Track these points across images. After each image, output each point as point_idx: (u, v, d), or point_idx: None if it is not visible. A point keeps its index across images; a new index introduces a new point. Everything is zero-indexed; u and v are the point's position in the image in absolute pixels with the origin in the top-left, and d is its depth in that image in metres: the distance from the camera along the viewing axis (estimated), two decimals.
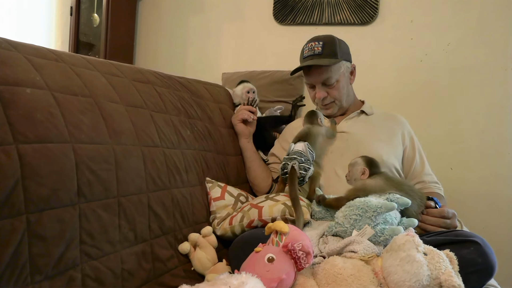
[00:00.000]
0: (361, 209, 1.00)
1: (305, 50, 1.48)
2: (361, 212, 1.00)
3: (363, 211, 0.99)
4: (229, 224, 1.24)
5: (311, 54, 1.44)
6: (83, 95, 0.97)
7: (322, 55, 1.42)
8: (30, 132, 0.79)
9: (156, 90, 1.29)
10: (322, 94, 1.47)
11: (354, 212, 1.01)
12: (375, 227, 0.97)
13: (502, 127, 1.82)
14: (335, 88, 1.47)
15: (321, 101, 1.49)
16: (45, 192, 0.78)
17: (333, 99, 1.49)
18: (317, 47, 1.43)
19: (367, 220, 0.98)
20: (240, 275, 0.78)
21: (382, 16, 2.02)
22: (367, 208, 0.99)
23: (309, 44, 1.47)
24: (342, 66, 1.46)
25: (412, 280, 0.81)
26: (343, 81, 1.48)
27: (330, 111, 1.52)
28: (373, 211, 0.98)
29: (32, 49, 0.94)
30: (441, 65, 1.92)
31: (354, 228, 0.99)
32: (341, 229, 1.01)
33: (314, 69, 1.44)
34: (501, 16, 1.82)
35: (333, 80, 1.44)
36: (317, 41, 1.45)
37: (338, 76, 1.45)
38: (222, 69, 2.30)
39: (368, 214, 0.99)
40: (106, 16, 2.42)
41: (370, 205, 1.00)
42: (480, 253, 0.93)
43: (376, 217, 0.98)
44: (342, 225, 1.01)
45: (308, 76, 1.48)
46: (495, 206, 1.81)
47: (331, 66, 1.42)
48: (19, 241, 0.73)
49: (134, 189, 1.02)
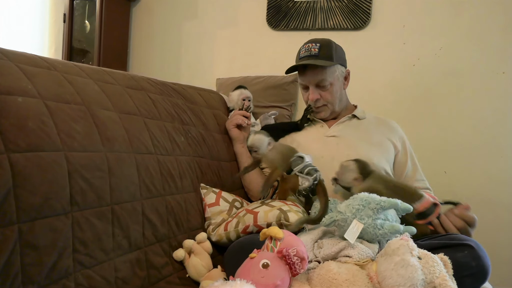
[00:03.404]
0: (365, 201, 1.01)
1: (301, 51, 1.49)
2: (365, 203, 1.00)
3: (367, 202, 1.00)
4: (224, 230, 1.23)
5: (308, 55, 1.45)
6: (75, 103, 0.96)
7: (318, 56, 1.43)
8: (22, 141, 0.78)
9: (149, 96, 1.29)
10: (315, 96, 1.48)
11: (357, 202, 1.01)
12: (376, 220, 0.97)
13: (495, 131, 1.83)
14: (328, 91, 1.47)
15: (313, 103, 1.50)
16: (37, 201, 0.78)
17: (326, 102, 1.50)
18: (314, 49, 1.44)
19: (369, 212, 0.98)
20: (234, 282, 0.78)
21: (375, 21, 2.04)
22: (370, 200, 1.00)
23: (306, 45, 1.48)
24: (336, 70, 1.47)
25: (407, 284, 0.81)
26: (337, 85, 1.49)
27: (322, 114, 1.53)
28: (376, 204, 0.99)
29: (24, 57, 0.93)
30: (433, 69, 1.93)
31: (355, 218, 0.98)
32: (342, 217, 1.01)
33: (309, 69, 1.45)
34: (492, 20, 1.84)
35: (326, 83, 1.45)
36: (314, 43, 1.46)
37: (332, 79, 1.46)
38: (216, 75, 2.30)
39: (371, 205, 0.99)
40: (99, 23, 2.41)
41: (374, 198, 1.01)
42: (474, 256, 0.94)
43: (378, 210, 0.98)
44: (343, 214, 1.01)
45: (303, 76, 1.49)
46: (489, 210, 1.82)
47: (326, 68, 1.43)
48: (11, 250, 0.72)
49: (127, 197, 1.01)
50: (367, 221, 0.97)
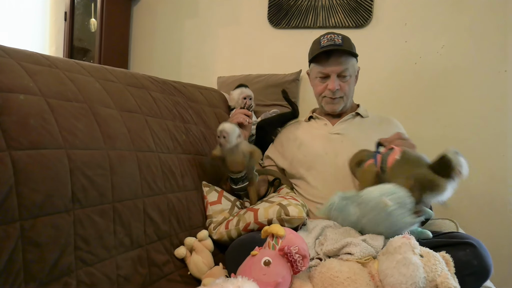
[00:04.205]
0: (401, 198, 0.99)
1: (323, 41, 1.45)
2: (400, 200, 0.98)
3: (403, 201, 0.98)
4: (225, 228, 1.23)
5: (332, 44, 1.42)
6: (77, 101, 0.96)
7: (343, 46, 1.41)
8: (23, 138, 0.78)
9: (151, 95, 1.29)
10: (336, 85, 1.43)
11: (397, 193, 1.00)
12: (404, 212, 0.97)
13: (497, 129, 1.83)
14: (347, 83, 1.45)
15: (332, 93, 1.45)
16: (39, 198, 0.78)
17: (343, 94, 1.47)
18: (337, 39, 1.42)
19: (402, 203, 0.97)
20: (236, 279, 0.78)
21: (376, 19, 2.03)
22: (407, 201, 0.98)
23: (327, 35, 1.45)
24: (355, 64, 1.47)
25: (408, 282, 0.81)
26: (353, 79, 1.49)
27: (337, 106, 1.49)
28: (409, 205, 0.98)
29: (26, 55, 0.93)
30: (435, 68, 1.93)
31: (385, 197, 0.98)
32: (363, 198, 1.01)
33: (333, 58, 1.42)
34: (494, 18, 1.84)
35: (348, 73, 1.44)
36: (335, 34, 1.45)
37: (352, 71, 1.45)
38: (217, 73, 2.30)
39: (407, 204, 0.98)
40: (100, 21, 2.41)
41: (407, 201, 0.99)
42: (475, 255, 0.94)
43: (409, 210, 0.98)
44: (369, 194, 1.01)
45: (325, 65, 1.44)
46: (491, 208, 1.82)
47: (349, 58, 1.43)
48: (13, 247, 0.72)
49: (129, 194, 1.01)
50: (395, 208, 0.97)
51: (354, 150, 1.36)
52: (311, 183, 1.42)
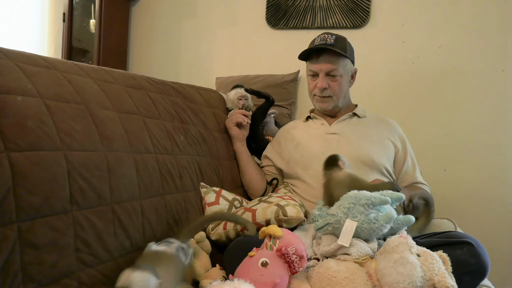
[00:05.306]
0: (354, 198, 1.00)
1: (316, 40, 1.48)
2: (355, 201, 0.99)
3: (357, 199, 0.99)
4: (224, 229, 1.23)
5: (324, 43, 1.44)
6: (75, 102, 0.96)
7: (334, 46, 1.43)
8: (21, 140, 0.78)
9: (149, 96, 1.29)
10: (324, 84, 1.45)
11: (347, 201, 1.00)
12: (369, 215, 0.96)
13: (495, 129, 1.83)
14: (337, 82, 1.47)
15: (320, 91, 1.48)
16: (36, 200, 0.78)
17: (332, 93, 1.48)
18: (329, 39, 1.45)
19: (361, 208, 0.97)
20: (232, 281, 0.78)
21: (374, 20, 2.04)
22: (361, 197, 0.99)
23: (322, 35, 1.48)
24: (347, 64, 1.48)
25: (406, 281, 0.81)
26: (345, 79, 1.49)
27: (326, 105, 1.51)
28: (366, 199, 0.98)
29: (24, 56, 0.93)
30: (433, 68, 1.93)
31: (347, 217, 0.97)
32: (335, 219, 1.00)
33: (323, 56, 1.45)
34: (492, 17, 1.84)
35: (338, 73, 1.45)
36: (330, 34, 1.47)
37: (342, 71, 1.46)
38: (215, 74, 2.31)
39: (362, 201, 0.98)
40: (99, 22, 2.42)
41: (364, 194, 1.00)
42: (473, 253, 0.94)
43: (369, 206, 0.97)
44: (336, 215, 1.00)
45: (315, 63, 1.47)
46: (488, 207, 1.82)
47: (340, 58, 1.44)
48: (10, 249, 0.73)
49: (127, 196, 1.01)
50: (360, 218, 0.96)
51: (351, 149, 1.37)
52: (308, 182, 1.42)
